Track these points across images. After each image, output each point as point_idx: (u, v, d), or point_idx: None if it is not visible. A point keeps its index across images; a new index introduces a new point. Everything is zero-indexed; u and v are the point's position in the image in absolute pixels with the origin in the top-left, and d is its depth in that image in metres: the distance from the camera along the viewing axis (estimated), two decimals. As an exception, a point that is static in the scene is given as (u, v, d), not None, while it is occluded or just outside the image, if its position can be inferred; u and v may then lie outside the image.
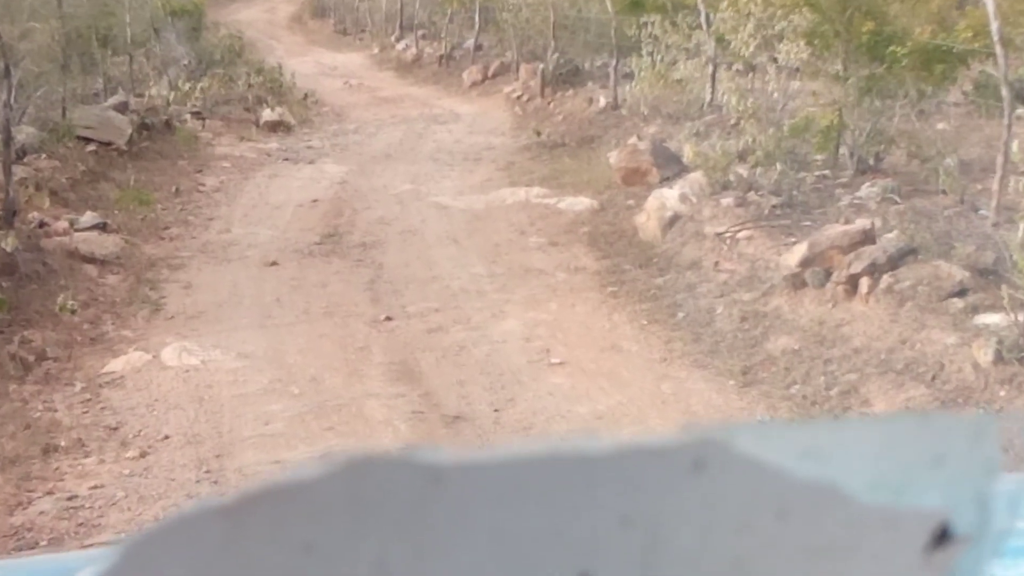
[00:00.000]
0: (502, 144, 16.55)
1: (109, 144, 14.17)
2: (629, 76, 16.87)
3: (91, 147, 13.88)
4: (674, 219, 10.27)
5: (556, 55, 18.96)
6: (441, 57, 25.07)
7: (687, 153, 12.09)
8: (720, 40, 14.33)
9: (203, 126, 16.92)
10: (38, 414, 7.54)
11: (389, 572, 0.49)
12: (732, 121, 13.46)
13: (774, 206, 10.15)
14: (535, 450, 0.48)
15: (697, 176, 10.72)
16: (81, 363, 8.45)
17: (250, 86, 19.42)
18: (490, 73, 22.52)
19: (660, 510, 0.49)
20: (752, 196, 10.32)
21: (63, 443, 7.10)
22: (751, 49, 13.55)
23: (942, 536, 0.50)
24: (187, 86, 18.32)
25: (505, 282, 9.87)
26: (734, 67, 15.44)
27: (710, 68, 14.41)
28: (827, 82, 11.66)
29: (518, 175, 13.98)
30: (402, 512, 0.48)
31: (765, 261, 9.29)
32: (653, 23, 16.57)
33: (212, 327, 9.01)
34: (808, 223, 9.86)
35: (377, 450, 0.48)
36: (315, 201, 12.92)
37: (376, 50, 28.99)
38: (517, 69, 21.36)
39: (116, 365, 8.27)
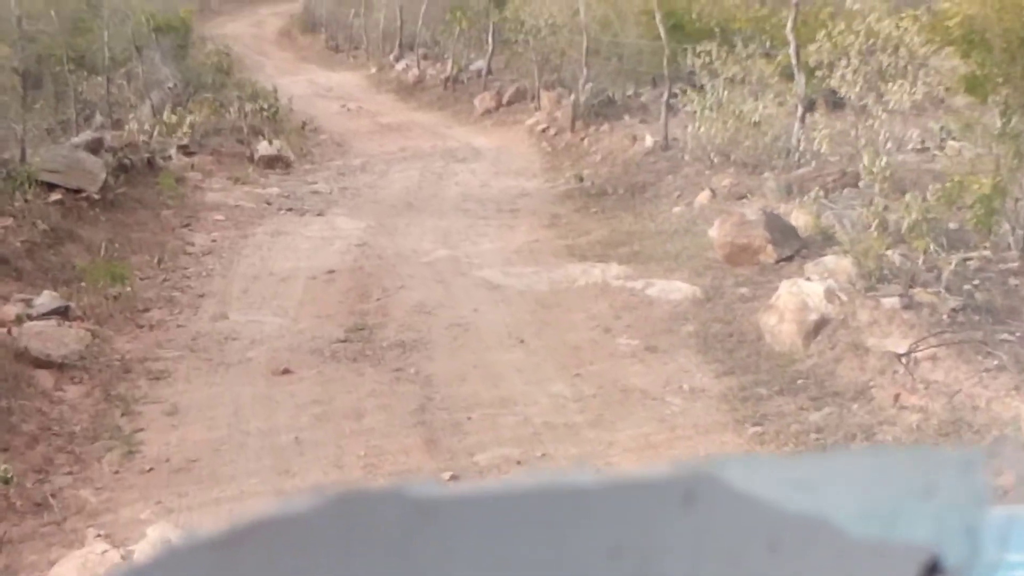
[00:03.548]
0: (537, 190, 13.61)
1: (79, 192, 11.19)
2: (671, 110, 14.06)
3: (56, 196, 10.90)
4: (820, 324, 7.39)
5: (589, 84, 16.02)
6: (447, 80, 22.11)
7: (800, 222, 9.24)
8: (811, 75, 11.49)
9: (192, 165, 13.88)
10: (-60, 673, 4.61)
11: None
12: (833, 176, 10.63)
13: (953, 309, 7.29)
14: (525, 483, 0.46)
15: (841, 263, 7.83)
16: (16, 558, 5.53)
17: (244, 114, 16.38)
18: (504, 100, 19.60)
19: (650, 543, 0.47)
20: (921, 295, 7.45)
21: None
22: (856, 88, 10.74)
23: (932, 569, 0.47)
24: (173, 118, 15.27)
25: (600, 411, 6.96)
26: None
27: (799, 109, 11.50)
28: (985, 138, 8.81)
29: (571, 235, 11.06)
30: (392, 545, 0.46)
31: (970, 397, 6.43)
32: (709, 52, 13.72)
33: (207, 492, 6.07)
34: (1006, 335, 7.03)
35: (367, 484, 0.49)
36: (331, 273, 9.93)
37: (373, 70, 26.00)
38: (536, 98, 18.46)
39: (66, 571, 5.30)
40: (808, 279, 7.69)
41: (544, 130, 16.85)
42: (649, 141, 14.02)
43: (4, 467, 5.98)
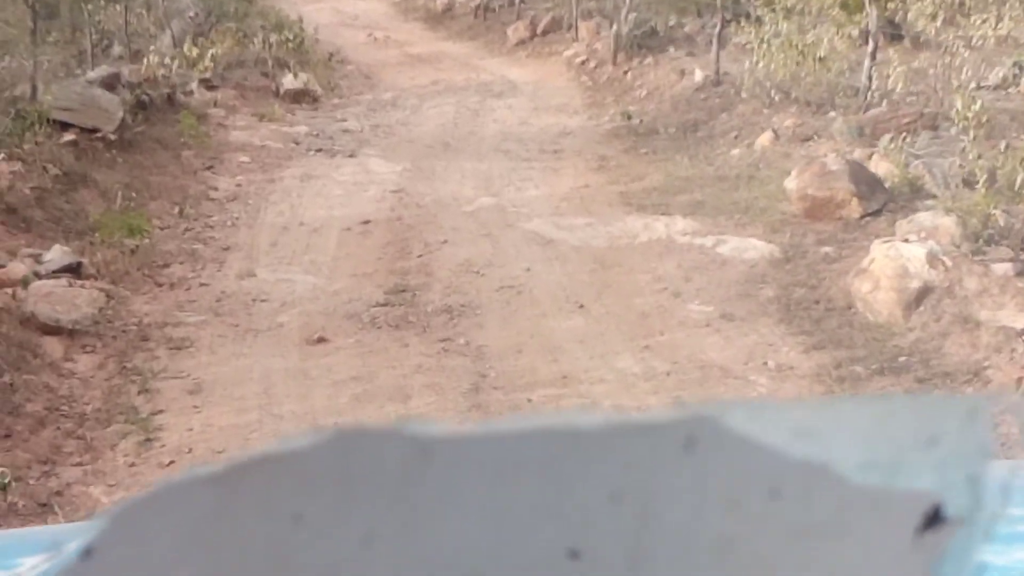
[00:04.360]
0: (581, 128, 12.62)
1: (94, 131, 10.25)
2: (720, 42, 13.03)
3: (69, 136, 9.97)
4: (923, 293, 6.45)
5: (632, 14, 14.92)
6: (477, 8, 21.00)
7: (883, 171, 8.26)
8: (882, 8, 10.43)
9: (215, 101, 12.92)
10: None
11: (377, 543, 0.46)
12: (909, 118, 9.61)
13: (1073, 277, 6.35)
14: (526, 425, 0.45)
15: (941, 222, 6.87)
16: (16, 575, 4.67)
17: (268, 45, 15.36)
18: (539, 30, 18.50)
19: (651, 487, 0.46)
20: (1034, 258, 6.52)
21: None
22: (937, 22, 9.69)
23: (933, 518, 0.46)
24: (195, 49, 14.26)
25: (676, 392, 6.07)
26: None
27: (871, 43, 10.42)
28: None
29: (622, 180, 10.10)
30: (391, 484, 0.45)
31: (1107, 384, 5.52)
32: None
33: (236, 492, 5.22)
34: None
35: (368, 422, 0.45)
36: (366, 223, 9.01)
37: (400, -4, 24.83)
38: (573, 27, 17.38)
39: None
40: (905, 240, 6.72)
41: (583, 63, 15.80)
42: (699, 76, 12.98)
43: (2, 470, 5.13)
